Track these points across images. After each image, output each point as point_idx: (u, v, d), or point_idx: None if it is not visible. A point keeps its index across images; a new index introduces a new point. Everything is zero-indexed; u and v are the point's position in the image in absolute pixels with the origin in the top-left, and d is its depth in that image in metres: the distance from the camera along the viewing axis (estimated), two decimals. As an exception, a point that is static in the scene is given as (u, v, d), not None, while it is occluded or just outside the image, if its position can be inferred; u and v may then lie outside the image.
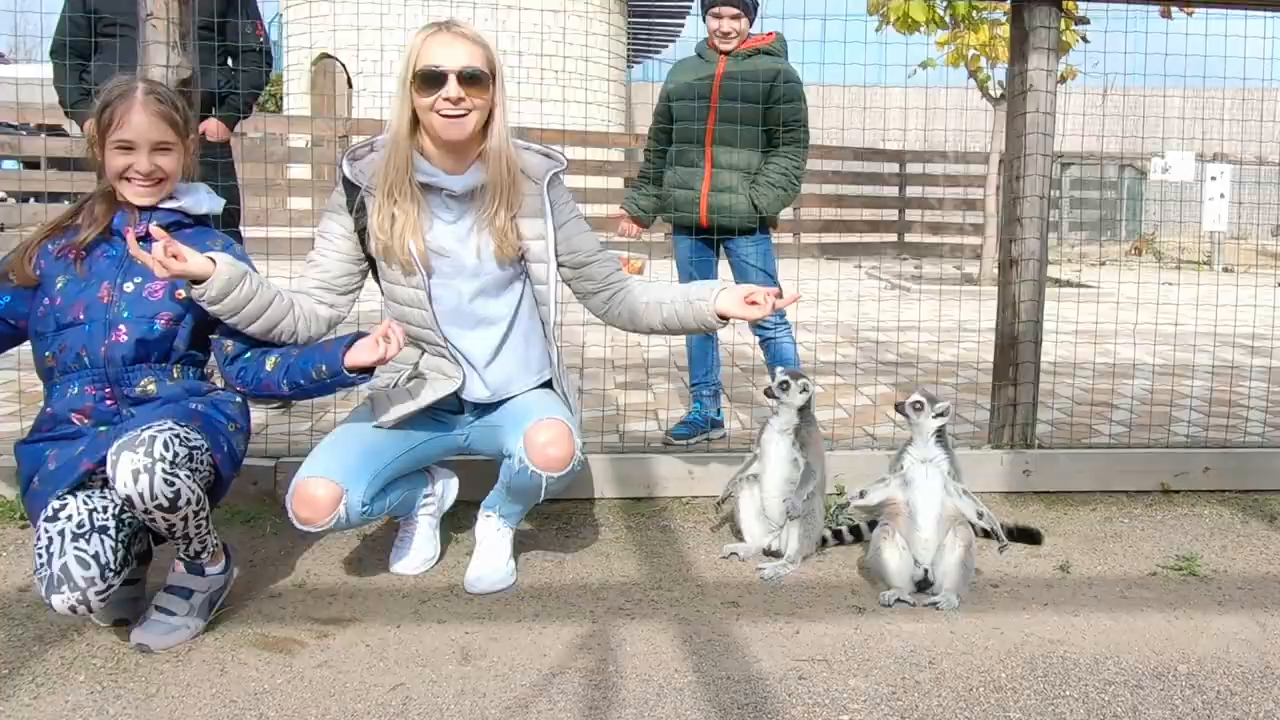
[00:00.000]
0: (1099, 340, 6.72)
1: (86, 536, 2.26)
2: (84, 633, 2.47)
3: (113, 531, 2.30)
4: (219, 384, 2.69)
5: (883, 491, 2.91)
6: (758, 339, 4.02)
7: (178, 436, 2.30)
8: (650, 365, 5.61)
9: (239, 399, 2.63)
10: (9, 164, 12.44)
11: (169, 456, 2.26)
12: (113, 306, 2.47)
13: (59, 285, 2.49)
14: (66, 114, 4.39)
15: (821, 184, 13.82)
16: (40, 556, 2.25)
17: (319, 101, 14.93)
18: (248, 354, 2.59)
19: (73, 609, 2.22)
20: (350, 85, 15.39)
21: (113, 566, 2.27)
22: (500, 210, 2.72)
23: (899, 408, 2.95)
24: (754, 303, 2.77)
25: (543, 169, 2.79)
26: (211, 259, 2.43)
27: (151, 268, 2.37)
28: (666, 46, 21.90)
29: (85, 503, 2.31)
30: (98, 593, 2.23)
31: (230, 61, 4.47)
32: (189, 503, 2.32)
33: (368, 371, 2.54)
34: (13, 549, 2.99)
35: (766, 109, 3.91)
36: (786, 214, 14.85)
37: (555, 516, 3.36)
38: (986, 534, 2.95)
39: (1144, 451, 3.94)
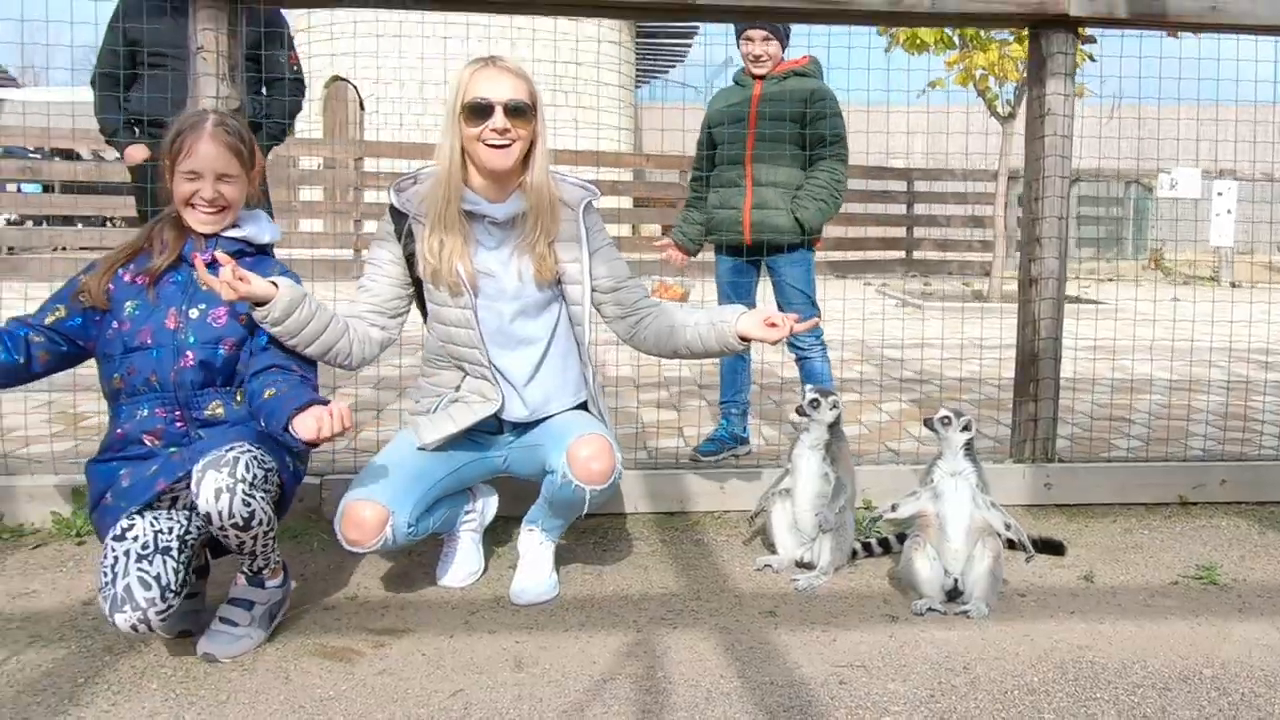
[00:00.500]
0: (1112, 356, 6.82)
1: (150, 558, 2.35)
2: (151, 644, 2.57)
3: (175, 553, 2.40)
4: None
5: (914, 504, 3.00)
6: (793, 357, 4.11)
7: (256, 459, 2.42)
8: (672, 384, 5.72)
9: None
10: (29, 188, 12.61)
11: (249, 478, 2.37)
12: (180, 332, 2.58)
13: (128, 310, 2.59)
14: (107, 141, 4.53)
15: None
16: (106, 575, 2.34)
17: (331, 123, 15.11)
18: (253, 379, 2.58)
19: (134, 628, 2.31)
20: (362, 108, 15.55)
21: (173, 588, 2.36)
22: (540, 236, 2.85)
23: (928, 423, 3.05)
24: (774, 325, 2.89)
25: (578, 198, 2.93)
26: (274, 283, 2.55)
27: (219, 291, 2.48)
28: (674, 67, 22.09)
29: (152, 524, 2.40)
30: (158, 613, 2.33)
31: (265, 90, 4.60)
32: (260, 522, 2.44)
33: (308, 445, 2.40)
34: (72, 564, 3.09)
35: (805, 127, 4.01)
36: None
37: (592, 531, 3.47)
38: (1012, 545, 3.04)
39: (1162, 465, 4.04)
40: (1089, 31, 4.08)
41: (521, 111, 2.76)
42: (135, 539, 2.37)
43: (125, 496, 2.47)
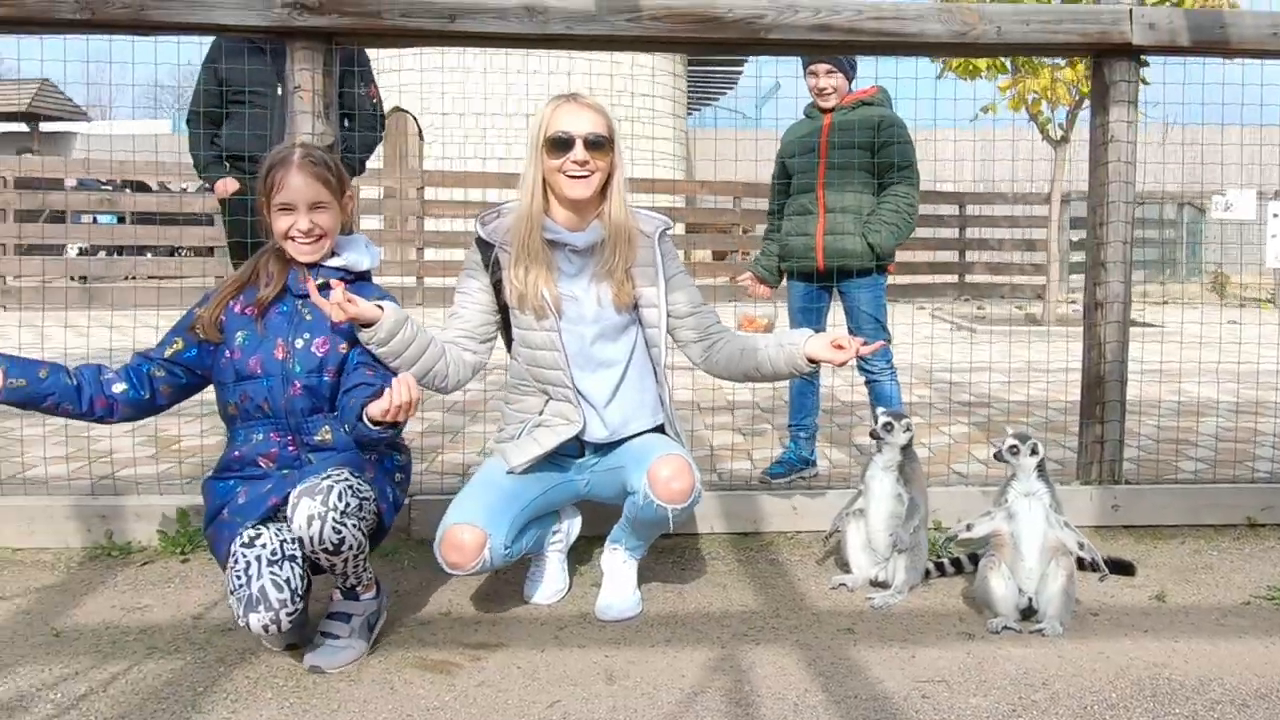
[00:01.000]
0: (1171, 379, 6.83)
1: (279, 563, 2.52)
2: (260, 656, 2.70)
3: (299, 560, 2.56)
4: None
5: (988, 524, 3.07)
6: (863, 380, 4.19)
7: (351, 487, 2.56)
8: (737, 408, 5.82)
9: (406, 452, 2.90)
10: (104, 219, 12.98)
11: (341, 506, 2.51)
12: (288, 362, 2.73)
13: (239, 340, 2.75)
14: (200, 176, 4.72)
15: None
16: (239, 579, 2.50)
17: (391, 153, 15.42)
18: (344, 395, 2.70)
19: (265, 628, 2.47)
20: (421, 136, 15.86)
21: (300, 592, 2.53)
22: (618, 263, 3.00)
23: (998, 456, 3.11)
24: (841, 347, 3.00)
25: (654, 226, 3.09)
26: (380, 306, 2.70)
27: (329, 313, 2.63)
28: (724, 94, 22.27)
29: (277, 534, 2.57)
30: (289, 614, 2.49)
31: (347, 123, 4.78)
32: (351, 548, 2.58)
33: (389, 426, 2.54)
34: (178, 581, 3.24)
35: (875, 155, 4.10)
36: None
37: (670, 550, 3.57)
38: (1083, 564, 3.10)
39: (1230, 486, 4.07)
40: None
41: (600, 144, 2.91)
42: (264, 545, 2.53)
43: (241, 512, 2.63)
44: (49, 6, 3.29)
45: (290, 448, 2.74)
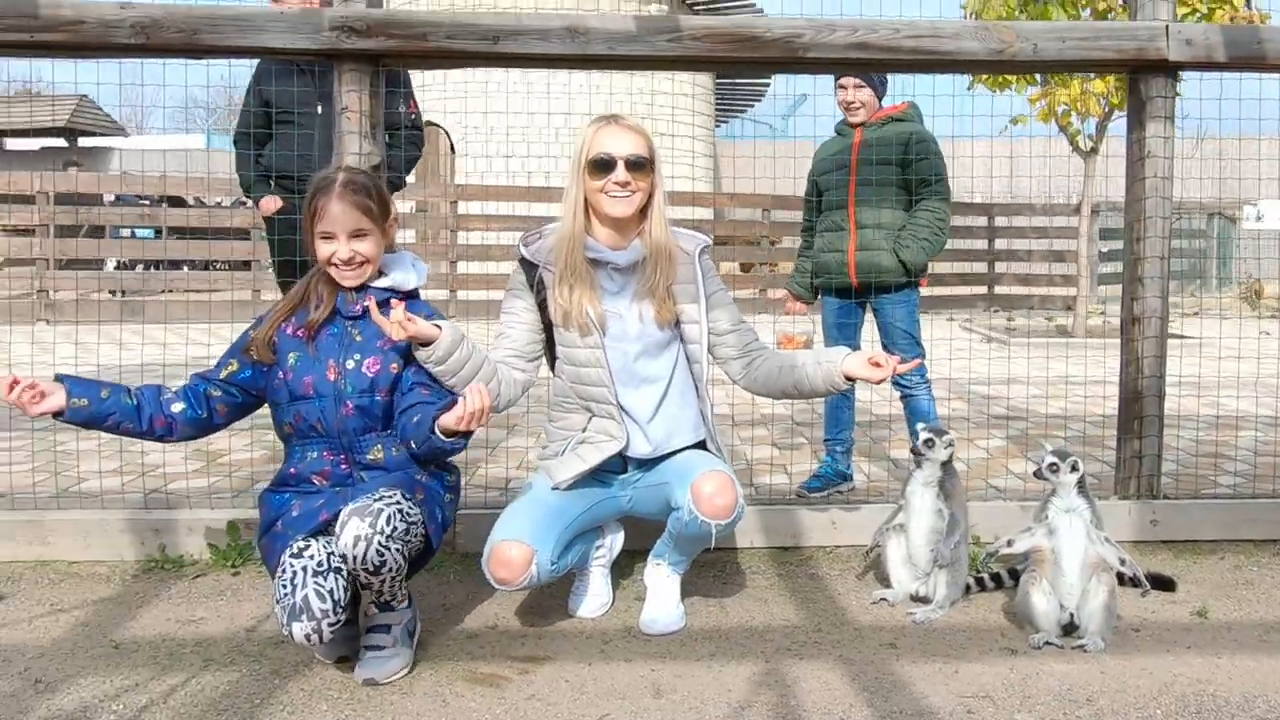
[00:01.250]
0: (1206, 392, 6.80)
1: (324, 574, 2.58)
2: (314, 668, 2.75)
3: (345, 574, 2.62)
4: None
5: (1029, 540, 3.09)
6: (899, 394, 4.22)
7: (400, 511, 2.62)
8: (771, 422, 5.84)
9: (456, 473, 2.97)
10: (142, 232, 13.16)
11: (388, 530, 2.57)
12: (340, 383, 2.79)
13: (291, 361, 2.82)
14: (246, 195, 4.82)
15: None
16: (285, 587, 2.57)
17: (422, 167, 15.56)
18: (401, 415, 2.79)
19: (307, 637, 2.53)
20: (453, 151, 15.98)
21: (342, 604, 2.59)
22: (659, 280, 3.05)
23: (1038, 474, 3.13)
24: (878, 365, 3.04)
25: (693, 244, 3.15)
26: (437, 325, 2.76)
27: (389, 332, 2.69)
28: (752, 105, 22.30)
29: (324, 547, 2.64)
30: (330, 624, 2.55)
31: (387, 138, 4.86)
32: (390, 570, 2.63)
33: (462, 436, 2.65)
34: (229, 594, 3.31)
35: (905, 171, 4.14)
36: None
37: (710, 565, 3.60)
38: (1122, 579, 3.11)
39: (1270, 501, 4.07)
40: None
41: (641, 165, 2.98)
42: (311, 557, 2.61)
43: (293, 525, 2.71)
44: (106, 33, 3.37)
45: (343, 466, 2.81)
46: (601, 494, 3.13)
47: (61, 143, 22.73)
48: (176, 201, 13.56)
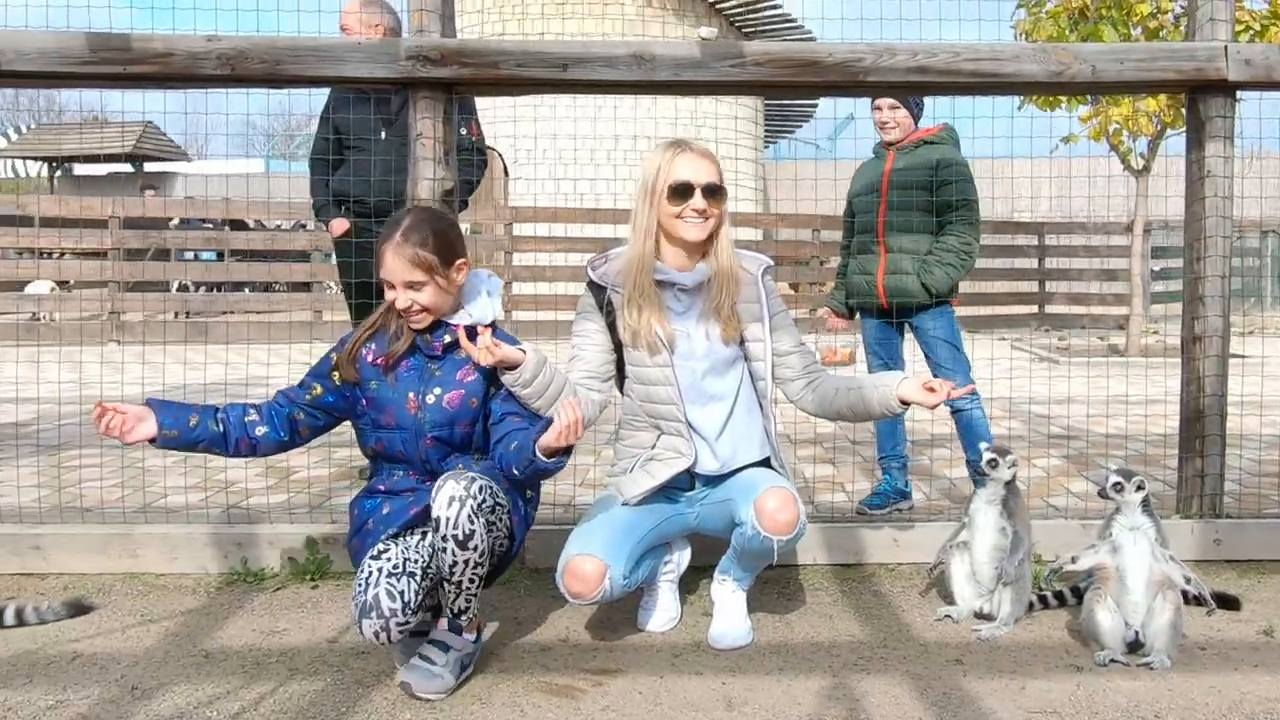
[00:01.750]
0: (1267, 410, 6.75)
1: (398, 576, 2.68)
2: (395, 678, 2.83)
3: (419, 577, 2.72)
4: None
5: (1093, 557, 3.12)
6: (949, 410, 4.26)
7: (490, 488, 2.74)
8: (824, 441, 5.89)
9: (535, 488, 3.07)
10: (206, 254, 13.48)
11: (480, 498, 2.68)
12: (419, 416, 2.88)
13: (372, 388, 2.92)
14: (316, 218, 4.97)
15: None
16: (360, 585, 2.67)
17: (478, 191, 15.82)
18: (498, 443, 2.89)
19: (375, 634, 2.62)
20: (506, 173, 16.19)
21: (412, 606, 2.67)
22: (724, 299, 3.13)
23: (1102, 494, 3.16)
24: (932, 389, 3.09)
25: (757, 264, 3.24)
26: (522, 350, 2.85)
27: (477, 357, 2.79)
28: (800, 126, 22.39)
29: (403, 551, 2.75)
30: (398, 624, 2.64)
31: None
32: (476, 549, 2.69)
33: (563, 453, 2.74)
34: (310, 606, 3.41)
35: (934, 195, 4.20)
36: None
37: (774, 582, 3.66)
38: (1185, 598, 3.12)
39: (1334, 521, 4.06)
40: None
41: (716, 192, 3.08)
42: (389, 559, 2.72)
43: (384, 522, 2.83)
44: (193, 64, 3.51)
45: (427, 482, 2.89)
46: (670, 510, 3.21)
47: (128, 168, 23.32)
48: (238, 225, 13.87)
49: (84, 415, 3.00)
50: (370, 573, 2.69)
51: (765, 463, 3.24)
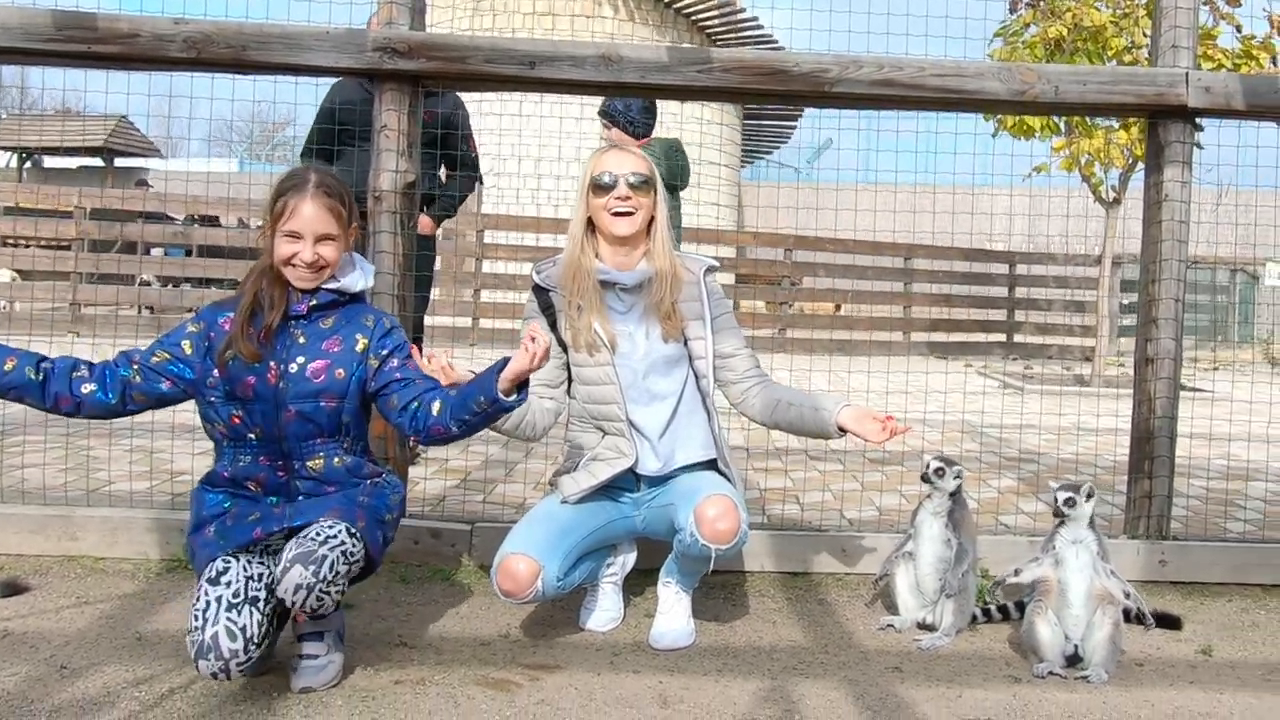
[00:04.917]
0: (1220, 442, 6.82)
1: (239, 607, 2.51)
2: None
3: (262, 604, 2.56)
4: (379, 467, 2.90)
5: (1036, 570, 3.14)
6: None
7: (345, 553, 2.58)
8: (780, 454, 5.90)
9: (399, 490, 2.91)
10: (175, 251, 13.41)
11: (330, 577, 2.54)
12: (279, 386, 2.68)
13: (227, 355, 2.67)
14: None
15: (931, 283, 14.12)
16: (196, 620, 2.49)
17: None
18: (413, 403, 2.72)
19: (214, 675, 2.47)
20: (480, 182, 16.16)
21: (256, 640, 2.52)
22: (665, 296, 3.15)
23: (1057, 513, 3.16)
24: (876, 420, 3.07)
25: (699, 265, 3.27)
26: (472, 371, 2.82)
27: (438, 378, 2.76)
28: (777, 148, 22.54)
29: (244, 570, 2.58)
30: (239, 664, 2.48)
31: (445, 171, 5.23)
32: (329, 608, 2.65)
33: (523, 387, 2.65)
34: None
35: None
36: (896, 311, 15.01)
37: (720, 586, 3.65)
38: (1127, 616, 3.14)
39: (1279, 547, 4.09)
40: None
41: (642, 184, 3.11)
42: (228, 585, 2.53)
43: (225, 536, 2.65)
44: (159, 46, 3.49)
45: (280, 473, 2.73)
46: (615, 513, 3.20)
47: (99, 162, 23.13)
48: (211, 221, 13.78)
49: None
50: (208, 603, 2.49)
51: (712, 464, 3.24)
